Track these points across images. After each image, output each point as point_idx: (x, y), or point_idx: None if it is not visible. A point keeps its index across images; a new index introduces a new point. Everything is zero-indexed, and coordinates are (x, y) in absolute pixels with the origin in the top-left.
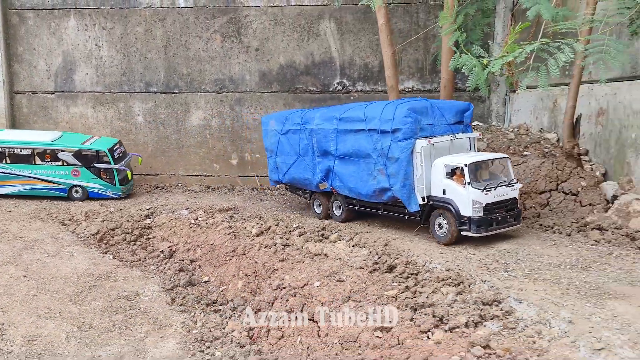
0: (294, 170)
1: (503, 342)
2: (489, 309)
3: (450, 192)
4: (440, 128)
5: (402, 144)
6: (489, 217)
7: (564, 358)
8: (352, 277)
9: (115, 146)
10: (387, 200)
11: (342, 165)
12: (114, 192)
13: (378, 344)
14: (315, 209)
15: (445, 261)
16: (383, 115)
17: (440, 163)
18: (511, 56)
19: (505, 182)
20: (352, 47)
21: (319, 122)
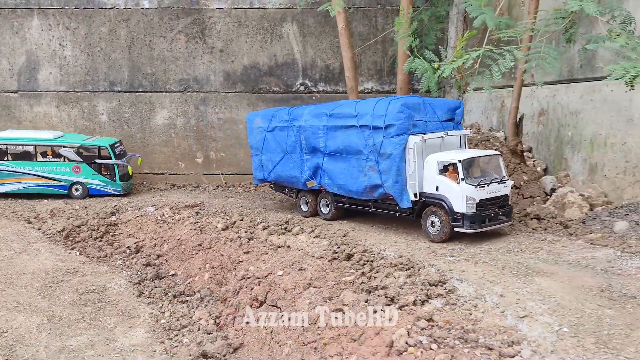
0: (280, 168)
1: (444, 315)
2: (435, 289)
3: (443, 188)
4: (432, 125)
5: (395, 139)
6: (482, 214)
7: (493, 325)
8: (313, 266)
9: (116, 144)
10: (378, 197)
11: (331, 162)
12: (115, 188)
13: (337, 328)
14: (301, 207)
15: (398, 249)
16: (375, 111)
17: (434, 159)
18: (459, 62)
19: (498, 179)
20: (314, 49)
21: (307, 118)
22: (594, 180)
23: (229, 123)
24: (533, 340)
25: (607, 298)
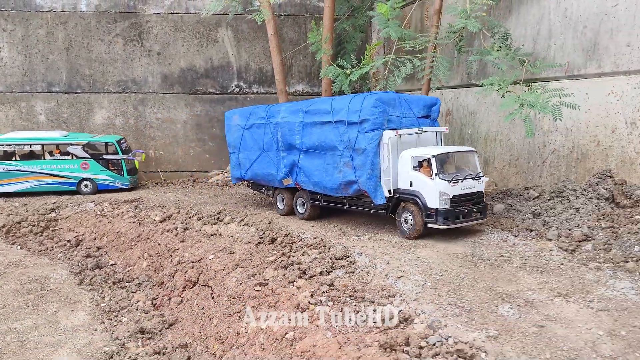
0: (257, 166)
1: (343, 281)
2: (339, 262)
3: (417, 184)
4: (407, 121)
5: (369, 134)
6: (455, 210)
7: (378, 285)
8: (241, 249)
9: (121, 140)
10: (352, 194)
11: (307, 159)
12: (123, 182)
13: (257, 295)
14: (278, 205)
15: (314, 232)
16: (350, 107)
17: (408, 155)
18: (366, 68)
19: (472, 175)
20: (248, 53)
21: (284, 115)
22: (487, 171)
23: (167, 123)
24: (404, 293)
25: (467, 261)
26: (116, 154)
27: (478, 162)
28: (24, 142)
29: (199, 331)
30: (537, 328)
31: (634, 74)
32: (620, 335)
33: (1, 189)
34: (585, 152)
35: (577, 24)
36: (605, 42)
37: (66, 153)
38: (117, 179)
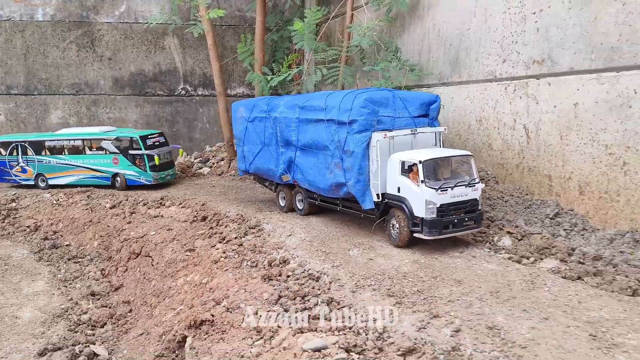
0: (259, 160)
1: (250, 242)
2: (251, 230)
3: (404, 190)
4: (401, 121)
5: (357, 136)
6: (443, 219)
7: (273, 242)
8: (178, 227)
9: (151, 135)
10: (343, 196)
11: (302, 156)
12: (146, 178)
13: (186, 258)
14: (279, 201)
15: (238, 210)
16: (342, 105)
17: (396, 159)
18: (283, 76)
19: (464, 182)
20: (193, 59)
21: (282, 110)
22: None
23: (119, 122)
24: (288, 245)
25: (341, 223)
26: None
27: (474, 166)
28: (67, 137)
29: (140, 291)
30: (367, 261)
31: (480, 82)
32: (419, 262)
33: (54, 181)
34: (452, 144)
35: (445, 42)
36: (463, 57)
37: (102, 148)
38: (142, 175)
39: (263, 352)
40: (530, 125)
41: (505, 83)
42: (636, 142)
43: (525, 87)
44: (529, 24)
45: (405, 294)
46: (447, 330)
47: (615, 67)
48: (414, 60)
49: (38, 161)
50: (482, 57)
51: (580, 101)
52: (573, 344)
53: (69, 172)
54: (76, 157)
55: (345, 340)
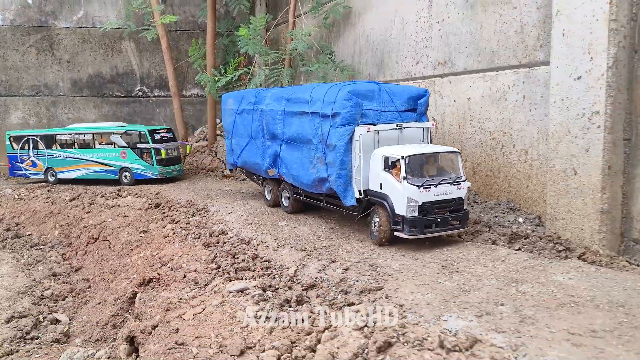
0: (246, 154)
1: (197, 221)
2: (198, 212)
3: (386, 186)
4: (387, 115)
5: (340, 130)
6: (425, 218)
7: (216, 219)
8: (133, 214)
9: (159, 130)
10: (326, 192)
11: (287, 150)
12: (153, 172)
13: (140, 239)
14: (266, 196)
15: (188, 197)
16: (326, 97)
17: (379, 154)
18: (229, 77)
19: (449, 180)
20: (149, 62)
21: (269, 102)
22: None
23: (78, 121)
24: (228, 221)
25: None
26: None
27: (461, 164)
28: (78, 131)
29: (99, 270)
30: (291, 229)
31: (399, 81)
32: (334, 228)
33: (64, 175)
34: None
35: (372, 46)
36: (386, 60)
37: (110, 142)
38: (148, 169)
39: (197, 295)
40: (438, 117)
41: (419, 81)
42: (510, 128)
43: (433, 85)
44: (434, 32)
45: (315, 248)
46: (339, 270)
47: (495, 68)
48: (347, 62)
49: (48, 155)
50: (400, 59)
51: (472, 96)
52: (426, 271)
53: (78, 166)
54: (86, 151)
55: (262, 283)
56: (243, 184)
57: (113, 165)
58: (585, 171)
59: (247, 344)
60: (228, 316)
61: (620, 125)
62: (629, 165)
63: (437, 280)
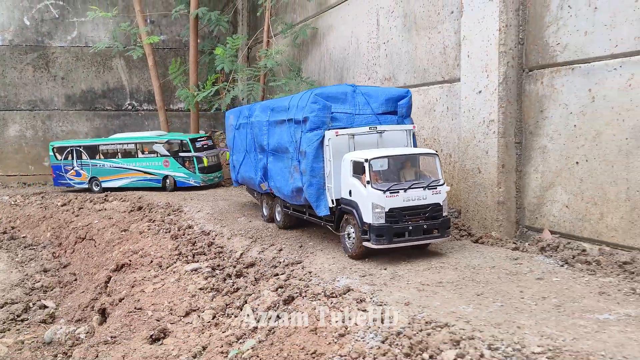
0: (243, 169)
1: (172, 218)
2: (173, 212)
3: (355, 193)
4: (362, 118)
5: (309, 135)
6: (394, 226)
7: (186, 217)
8: (117, 216)
9: (199, 138)
10: (304, 202)
11: (272, 162)
12: (195, 180)
13: (122, 237)
14: (263, 210)
15: (167, 200)
16: (299, 103)
17: (348, 159)
18: (206, 92)
19: (421, 184)
20: (139, 78)
21: (257, 113)
22: None
23: (71, 134)
24: (196, 218)
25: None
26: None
27: (439, 167)
28: (121, 141)
29: (84, 265)
30: (247, 223)
31: None
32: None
33: (109, 184)
34: None
35: (334, 63)
36: (345, 75)
37: (153, 151)
38: (191, 177)
39: (159, 275)
40: None
41: None
42: (438, 135)
43: None
44: (381, 51)
45: (261, 237)
46: (275, 251)
47: (427, 83)
48: (314, 77)
49: (92, 165)
50: (356, 75)
51: None
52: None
53: (122, 175)
54: (129, 160)
55: (213, 263)
56: (219, 189)
57: (156, 173)
58: (486, 170)
59: (192, 308)
60: (181, 289)
61: (512, 130)
62: (520, 164)
63: (344, 255)
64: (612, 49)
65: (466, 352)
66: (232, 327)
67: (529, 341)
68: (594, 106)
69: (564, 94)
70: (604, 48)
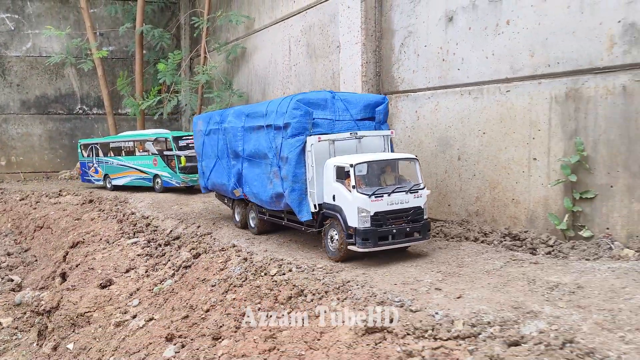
0: (214, 175)
1: (118, 208)
2: (120, 203)
3: (339, 198)
4: (342, 124)
5: (291, 141)
6: (379, 229)
7: (130, 206)
8: (71, 208)
9: (186, 136)
10: (284, 208)
11: (248, 167)
12: (177, 180)
13: (75, 224)
14: (235, 217)
15: (115, 194)
16: (279, 109)
17: (331, 164)
18: (150, 102)
19: (404, 188)
20: (89, 85)
21: (231, 119)
22: None
23: (26, 136)
24: (139, 207)
25: (176, 198)
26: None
27: (419, 171)
28: (119, 139)
29: (43, 249)
30: (179, 209)
31: None
32: (208, 209)
33: (116, 182)
34: None
35: (259, 79)
36: (267, 90)
37: (146, 150)
38: (173, 177)
39: (107, 247)
40: None
41: None
42: None
43: None
44: (292, 71)
45: (187, 219)
46: (195, 228)
47: None
48: (244, 89)
49: (105, 162)
50: (275, 90)
51: None
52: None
53: (125, 173)
54: (129, 158)
55: (149, 237)
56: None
57: (148, 172)
58: None
59: (131, 267)
60: (123, 255)
61: None
62: None
63: (242, 229)
64: (427, 84)
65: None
66: (158, 276)
67: None
68: (418, 123)
69: (402, 113)
70: (422, 83)
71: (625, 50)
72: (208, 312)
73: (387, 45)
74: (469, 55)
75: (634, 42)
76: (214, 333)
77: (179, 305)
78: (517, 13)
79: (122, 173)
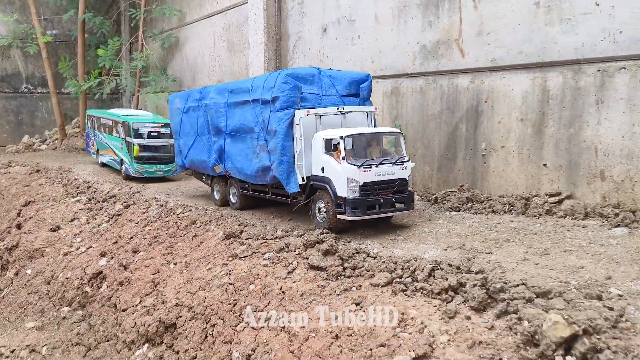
0: (193, 152)
1: (63, 176)
2: (65, 172)
3: (328, 169)
4: (328, 99)
5: (279, 114)
6: (367, 199)
7: (75, 174)
8: (20, 177)
9: (152, 123)
10: (270, 182)
11: (231, 143)
12: (132, 169)
13: (24, 190)
14: (214, 195)
15: (60, 165)
16: (266, 83)
17: (320, 137)
18: (90, 83)
19: (390, 160)
20: (34, 66)
21: (213, 95)
22: None
23: None
24: (81, 174)
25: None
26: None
27: (404, 145)
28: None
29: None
30: (114, 177)
31: None
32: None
33: (101, 158)
34: None
35: (190, 66)
36: (196, 76)
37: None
38: (130, 165)
39: (54, 205)
40: None
41: None
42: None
43: None
44: (216, 62)
45: (121, 183)
46: (127, 188)
47: None
48: (177, 75)
49: (96, 137)
50: (203, 77)
51: None
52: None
53: (107, 152)
54: (111, 137)
55: (90, 196)
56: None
57: (118, 155)
58: None
59: (75, 217)
60: (69, 209)
61: None
62: None
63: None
64: None
65: (187, 210)
66: (96, 223)
67: None
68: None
69: None
70: None
71: (421, 62)
72: (131, 239)
73: (284, 47)
74: (336, 59)
75: (425, 57)
76: (134, 249)
77: (111, 237)
78: (364, 31)
79: (105, 151)
